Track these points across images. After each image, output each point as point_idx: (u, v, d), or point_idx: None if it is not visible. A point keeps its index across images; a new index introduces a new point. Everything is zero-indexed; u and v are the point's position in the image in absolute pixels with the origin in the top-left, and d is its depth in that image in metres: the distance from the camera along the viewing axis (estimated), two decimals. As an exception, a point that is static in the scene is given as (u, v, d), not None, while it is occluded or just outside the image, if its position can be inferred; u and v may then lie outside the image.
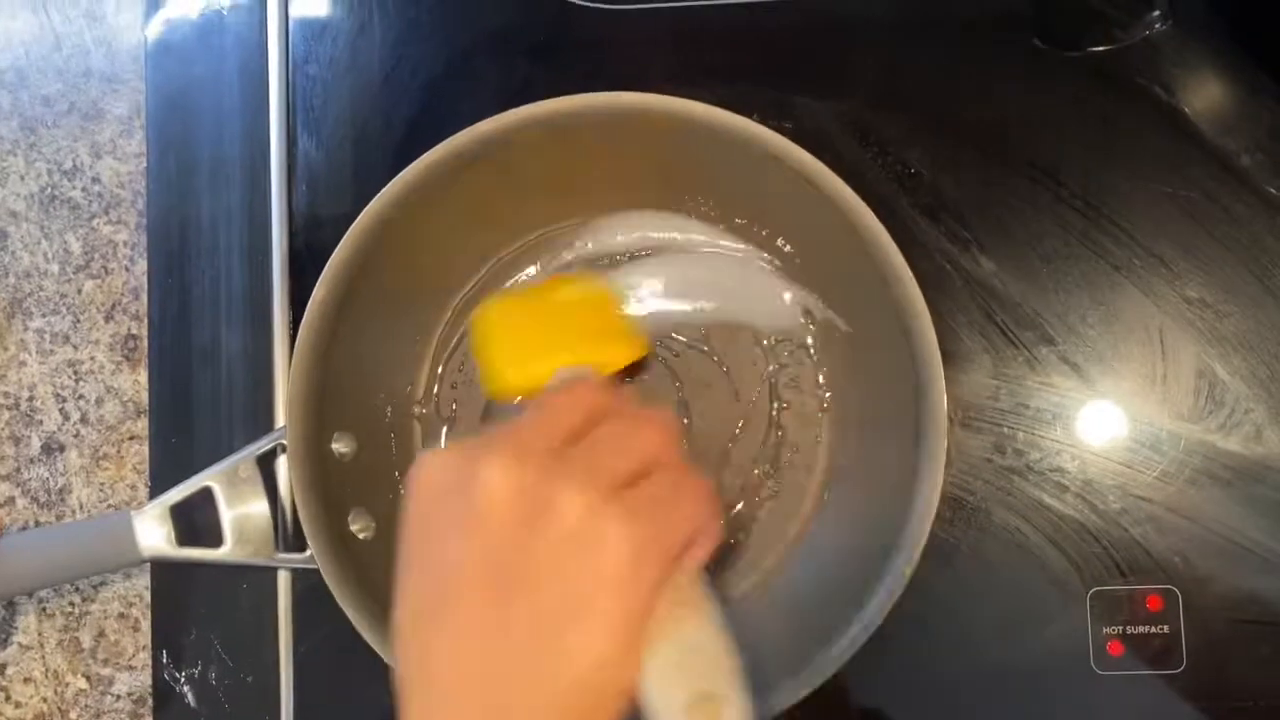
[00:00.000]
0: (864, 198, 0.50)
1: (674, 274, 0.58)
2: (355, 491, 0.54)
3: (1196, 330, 0.57)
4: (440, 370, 0.59)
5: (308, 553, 0.51)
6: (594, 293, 0.56)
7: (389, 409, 0.58)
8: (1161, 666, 0.56)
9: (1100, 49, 0.60)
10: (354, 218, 0.51)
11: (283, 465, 0.57)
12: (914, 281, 0.49)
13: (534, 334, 0.53)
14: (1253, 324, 0.57)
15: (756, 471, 0.58)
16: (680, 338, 0.58)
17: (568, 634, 0.36)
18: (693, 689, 0.38)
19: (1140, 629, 0.56)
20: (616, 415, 0.41)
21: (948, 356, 0.56)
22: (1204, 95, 0.59)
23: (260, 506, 0.54)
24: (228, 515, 0.54)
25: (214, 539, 0.54)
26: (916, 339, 0.49)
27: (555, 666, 0.36)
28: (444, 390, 0.59)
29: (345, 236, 0.51)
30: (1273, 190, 0.58)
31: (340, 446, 0.54)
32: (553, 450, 0.39)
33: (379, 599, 0.51)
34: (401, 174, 0.51)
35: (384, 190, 0.51)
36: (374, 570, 0.52)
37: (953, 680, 0.57)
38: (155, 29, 0.61)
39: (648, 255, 0.59)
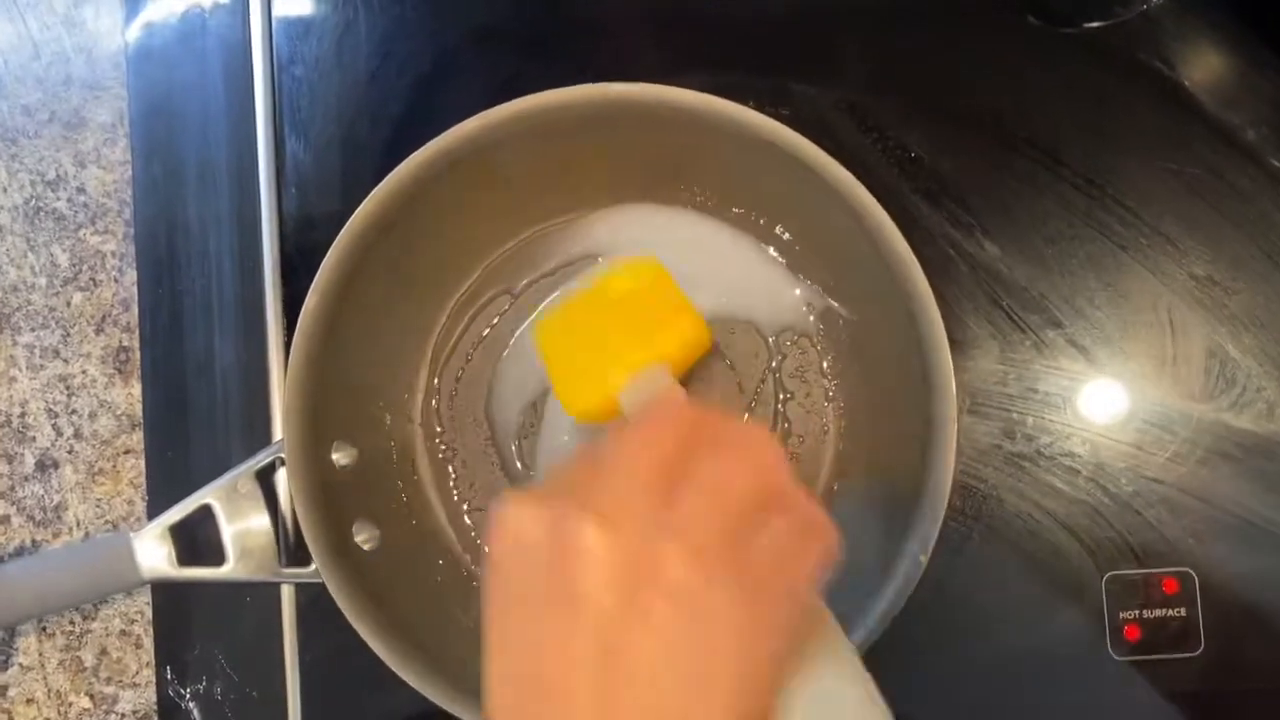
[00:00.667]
0: (864, 183, 0.49)
1: (674, 269, 0.57)
2: (357, 502, 0.53)
3: (1205, 309, 0.57)
4: (439, 374, 0.58)
5: (312, 566, 0.50)
6: (646, 272, 0.52)
7: (388, 417, 0.57)
8: (1179, 650, 0.55)
9: (1097, 24, 0.59)
10: (345, 218, 0.50)
11: (282, 478, 0.56)
12: (917, 264, 0.49)
13: (595, 343, 0.50)
14: (1262, 300, 0.57)
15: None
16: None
17: None
18: None
19: (1157, 612, 0.55)
20: (713, 441, 0.36)
21: (954, 343, 0.55)
22: (1205, 69, 0.58)
23: (261, 521, 0.54)
24: (229, 532, 0.53)
25: (216, 557, 0.54)
26: (922, 322, 0.49)
27: None
28: (443, 394, 0.58)
29: (335, 243, 0.50)
30: (1278, 164, 0.57)
31: (340, 457, 0.53)
32: (651, 502, 0.33)
33: (386, 610, 0.50)
34: (389, 177, 0.50)
35: (372, 194, 0.50)
36: (380, 581, 0.52)
37: (968, 669, 0.56)
38: (136, 34, 0.60)
39: (646, 250, 0.58)
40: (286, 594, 0.57)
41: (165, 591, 0.58)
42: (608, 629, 0.32)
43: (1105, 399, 0.57)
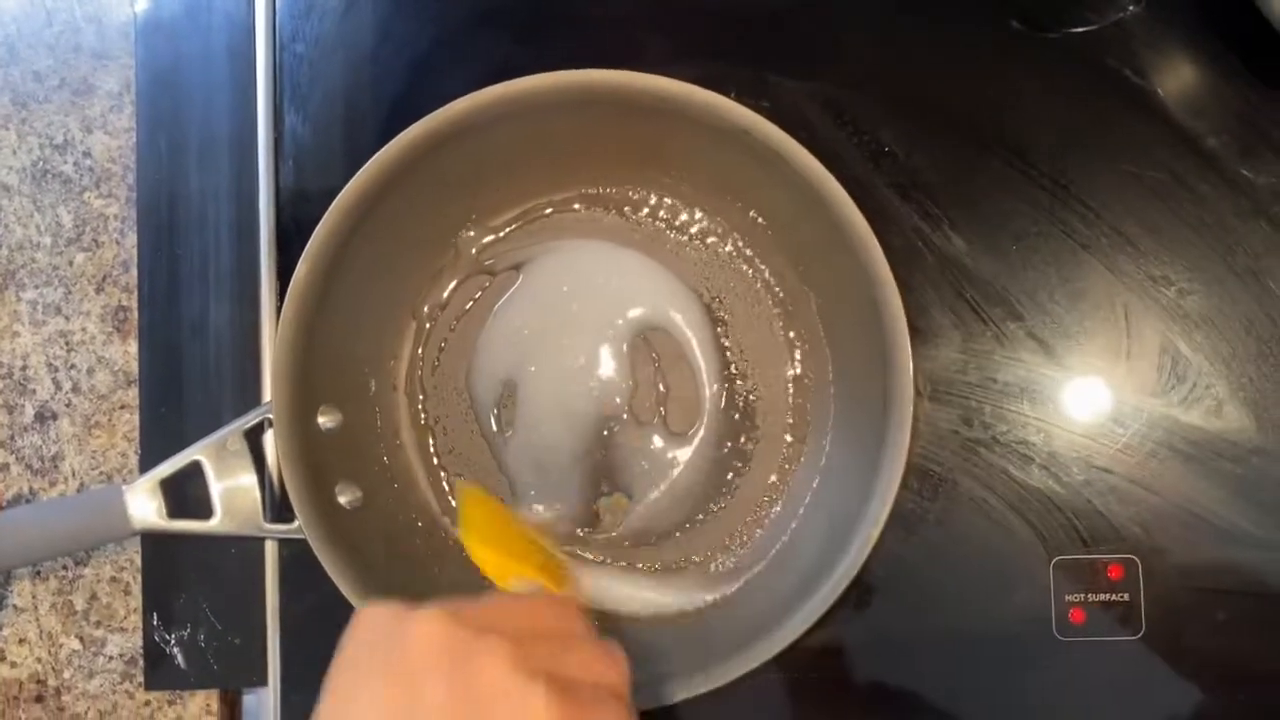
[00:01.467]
0: (839, 176, 0.51)
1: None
2: (341, 463, 0.55)
3: (1160, 308, 0.59)
4: (422, 344, 0.60)
5: (295, 523, 0.52)
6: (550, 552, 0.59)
7: (373, 383, 0.59)
8: (1121, 633, 0.57)
9: (1074, 31, 0.61)
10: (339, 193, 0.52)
11: (270, 439, 0.58)
12: (880, 249, 0.51)
13: (506, 539, 0.56)
14: (1215, 302, 0.59)
15: (729, 444, 0.59)
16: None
17: None
18: None
19: (1101, 596, 0.57)
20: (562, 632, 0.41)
21: (918, 332, 0.57)
22: (1174, 78, 0.60)
23: (249, 479, 0.56)
24: (217, 488, 0.55)
25: (204, 511, 0.56)
26: (883, 305, 0.51)
27: None
28: (426, 363, 0.60)
29: (325, 216, 0.52)
30: (1241, 171, 0.59)
31: (326, 420, 0.55)
32: (492, 624, 0.38)
33: (366, 567, 0.53)
34: (378, 154, 0.52)
35: (362, 170, 0.52)
36: (361, 539, 0.54)
37: (919, 647, 0.58)
38: (144, 5, 0.62)
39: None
40: (270, 549, 0.59)
41: (154, 542, 0.60)
42: (418, 695, 0.35)
43: (1061, 391, 0.59)
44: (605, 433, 0.59)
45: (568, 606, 0.43)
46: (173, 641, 0.59)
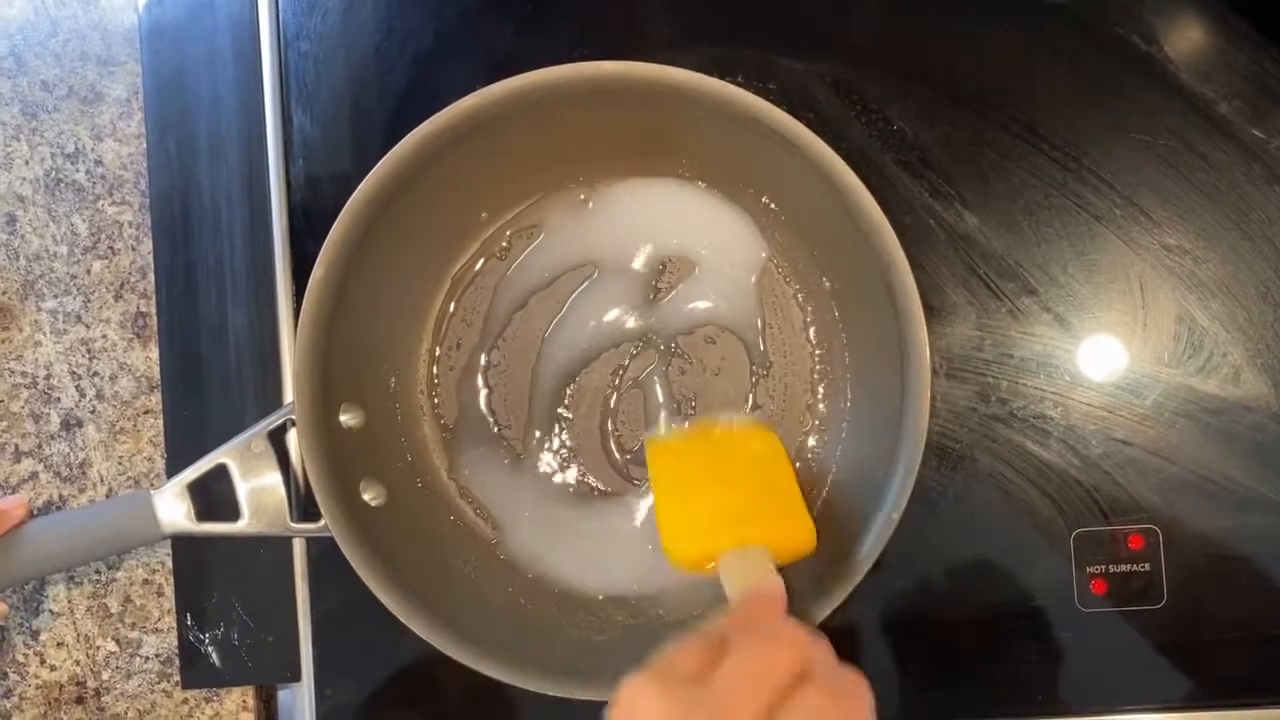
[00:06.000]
0: (847, 156, 0.51)
1: (663, 239, 0.60)
2: (365, 461, 0.56)
3: (1175, 277, 0.59)
4: (441, 341, 0.61)
5: (321, 522, 0.53)
6: (774, 447, 0.56)
7: (393, 379, 0.59)
8: (1143, 603, 0.58)
9: (1084, -5, 0.60)
10: (351, 188, 0.52)
11: (294, 439, 0.59)
12: (892, 232, 0.50)
13: (711, 496, 0.53)
14: (1230, 269, 0.59)
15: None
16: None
17: None
18: None
19: (1122, 567, 0.58)
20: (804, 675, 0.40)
21: (932, 310, 0.58)
22: (1182, 43, 0.60)
23: (274, 479, 0.56)
24: (243, 489, 0.56)
25: (231, 513, 0.56)
26: (897, 289, 0.51)
27: None
28: (443, 359, 0.61)
29: (338, 218, 0.52)
30: (1255, 134, 0.59)
31: (348, 419, 0.56)
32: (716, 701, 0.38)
33: (392, 562, 0.53)
34: (388, 155, 0.52)
35: (372, 172, 0.52)
36: (387, 536, 0.54)
37: (943, 621, 0.59)
38: (149, 11, 0.62)
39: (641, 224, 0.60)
40: (299, 546, 0.60)
41: (184, 544, 0.61)
42: None
43: (1077, 364, 0.59)
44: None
45: (795, 639, 0.40)
46: (207, 641, 0.60)
